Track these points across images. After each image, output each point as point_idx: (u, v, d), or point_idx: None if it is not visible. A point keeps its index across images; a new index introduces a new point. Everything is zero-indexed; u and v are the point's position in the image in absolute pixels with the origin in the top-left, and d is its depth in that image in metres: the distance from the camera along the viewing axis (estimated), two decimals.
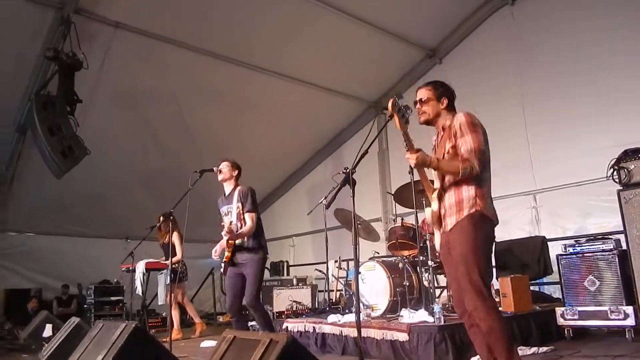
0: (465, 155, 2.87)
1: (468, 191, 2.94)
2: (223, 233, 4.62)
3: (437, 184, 3.15)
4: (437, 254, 5.22)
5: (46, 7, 5.88)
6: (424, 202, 5.38)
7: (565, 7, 6.76)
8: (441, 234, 3.13)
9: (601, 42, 6.30)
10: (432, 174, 3.21)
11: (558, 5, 6.85)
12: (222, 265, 4.74)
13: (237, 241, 4.70)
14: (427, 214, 3.23)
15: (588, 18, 6.48)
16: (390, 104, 2.87)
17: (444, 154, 3.03)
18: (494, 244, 3.11)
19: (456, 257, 2.90)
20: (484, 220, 2.93)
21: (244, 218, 4.73)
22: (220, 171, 4.91)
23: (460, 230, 2.91)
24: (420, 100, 3.14)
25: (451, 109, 3.13)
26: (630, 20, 6.08)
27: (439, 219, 3.11)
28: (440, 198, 3.10)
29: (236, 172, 4.96)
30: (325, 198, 3.31)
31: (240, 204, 4.76)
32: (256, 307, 4.61)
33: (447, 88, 3.17)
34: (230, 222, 4.61)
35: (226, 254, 4.69)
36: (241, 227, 4.69)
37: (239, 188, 4.86)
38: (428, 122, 3.16)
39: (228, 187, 4.94)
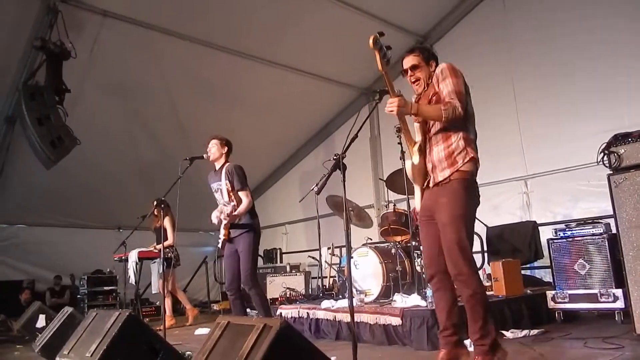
0: (447, 98, 2.87)
1: (457, 140, 2.94)
2: (222, 217, 4.72)
3: (419, 138, 3.13)
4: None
5: None
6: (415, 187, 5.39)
7: None
8: (425, 191, 3.12)
9: (592, 30, 6.31)
10: (415, 132, 3.20)
11: None
12: (220, 242, 4.81)
13: None
14: (406, 166, 3.19)
15: (579, 6, 6.49)
16: (371, 41, 2.79)
17: (428, 102, 3.04)
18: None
19: (445, 219, 2.90)
20: (474, 185, 2.96)
21: (235, 195, 4.79)
22: (209, 151, 4.94)
23: (451, 192, 2.91)
24: (410, 68, 3.12)
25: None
26: (622, 7, 6.09)
27: (419, 172, 3.10)
28: (422, 151, 3.08)
29: (226, 149, 4.99)
30: (317, 185, 3.31)
31: (228, 182, 4.79)
32: (252, 286, 4.67)
33: (430, 50, 3.18)
34: (233, 207, 4.69)
35: (223, 232, 4.75)
36: (234, 206, 4.76)
37: (226, 165, 4.89)
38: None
39: (217, 164, 4.99)
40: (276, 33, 7.39)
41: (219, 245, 4.89)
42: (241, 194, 4.78)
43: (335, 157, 3.09)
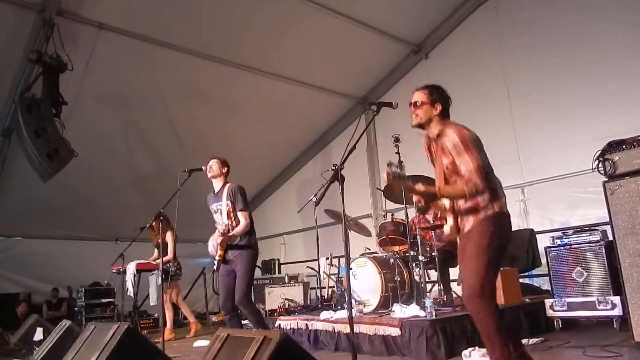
0: (467, 176, 2.89)
1: (483, 198, 2.95)
2: (216, 235, 4.71)
3: (447, 201, 3.14)
4: (427, 248, 5.28)
5: (28, 9, 5.82)
6: (413, 197, 5.39)
7: (548, 1, 6.82)
8: (460, 238, 3.15)
9: (584, 36, 6.37)
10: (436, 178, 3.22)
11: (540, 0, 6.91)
12: (215, 262, 4.78)
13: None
14: (445, 230, 3.22)
15: (571, 12, 6.54)
16: (385, 177, 2.82)
17: (443, 171, 3.06)
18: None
19: (468, 256, 2.93)
20: (500, 221, 2.97)
21: (235, 216, 4.76)
22: (210, 168, 4.92)
23: (476, 231, 2.94)
24: (415, 103, 3.14)
25: (444, 116, 3.13)
26: (613, 13, 6.15)
27: (457, 231, 3.12)
28: (453, 209, 3.10)
29: (225, 169, 4.98)
30: (315, 195, 3.33)
31: (230, 202, 4.78)
32: (246, 304, 4.66)
33: (442, 94, 3.17)
34: (226, 225, 4.65)
35: (219, 252, 4.72)
36: (233, 226, 4.73)
37: (228, 186, 4.88)
38: (420, 126, 3.17)
39: (217, 184, 4.96)
40: (271, 44, 7.43)
41: (214, 267, 4.87)
42: (241, 214, 4.76)
43: (333, 168, 3.11)
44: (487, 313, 2.82)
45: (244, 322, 5.17)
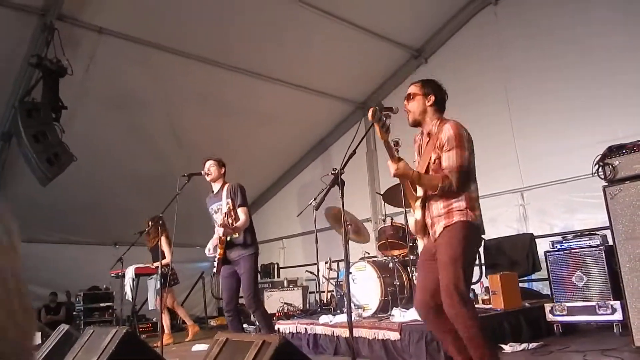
0: (446, 172, 2.86)
1: (458, 201, 2.91)
2: (216, 228, 4.68)
3: (420, 192, 3.10)
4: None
5: (28, 14, 5.82)
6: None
7: (548, 5, 6.83)
8: (426, 243, 3.11)
9: (584, 39, 6.36)
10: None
11: (540, 4, 6.92)
12: (215, 263, 4.77)
13: (228, 238, 4.72)
14: (410, 222, 3.20)
15: (571, 17, 6.55)
16: (370, 114, 2.80)
17: (428, 163, 3.00)
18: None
19: (443, 260, 2.85)
20: (474, 230, 2.93)
21: (235, 214, 4.75)
22: (208, 172, 4.93)
23: (449, 234, 2.87)
24: (409, 95, 3.14)
25: (439, 108, 3.10)
26: (613, 17, 6.15)
27: (422, 228, 3.08)
28: (425, 206, 3.06)
29: (223, 169, 5.02)
30: (315, 199, 3.33)
31: (230, 200, 4.79)
32: (256, 307, 4.70)
33: (436, 86, 3.15)
34: (225, 214, 4.64)
35: (218, 251, 4.71)
36: (233, 223, 4.72)
37: (227, 185, 4.91)
38: (416, 123, 3.14)
39: (216, 185, 4.98)
40: (271, 48, 7.43)
41: (214, 269, 4.87)
42: (240, 210, 4.77)
43: (333, 172, 3.11)
44: (476, 324, 2.78)
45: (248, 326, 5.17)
